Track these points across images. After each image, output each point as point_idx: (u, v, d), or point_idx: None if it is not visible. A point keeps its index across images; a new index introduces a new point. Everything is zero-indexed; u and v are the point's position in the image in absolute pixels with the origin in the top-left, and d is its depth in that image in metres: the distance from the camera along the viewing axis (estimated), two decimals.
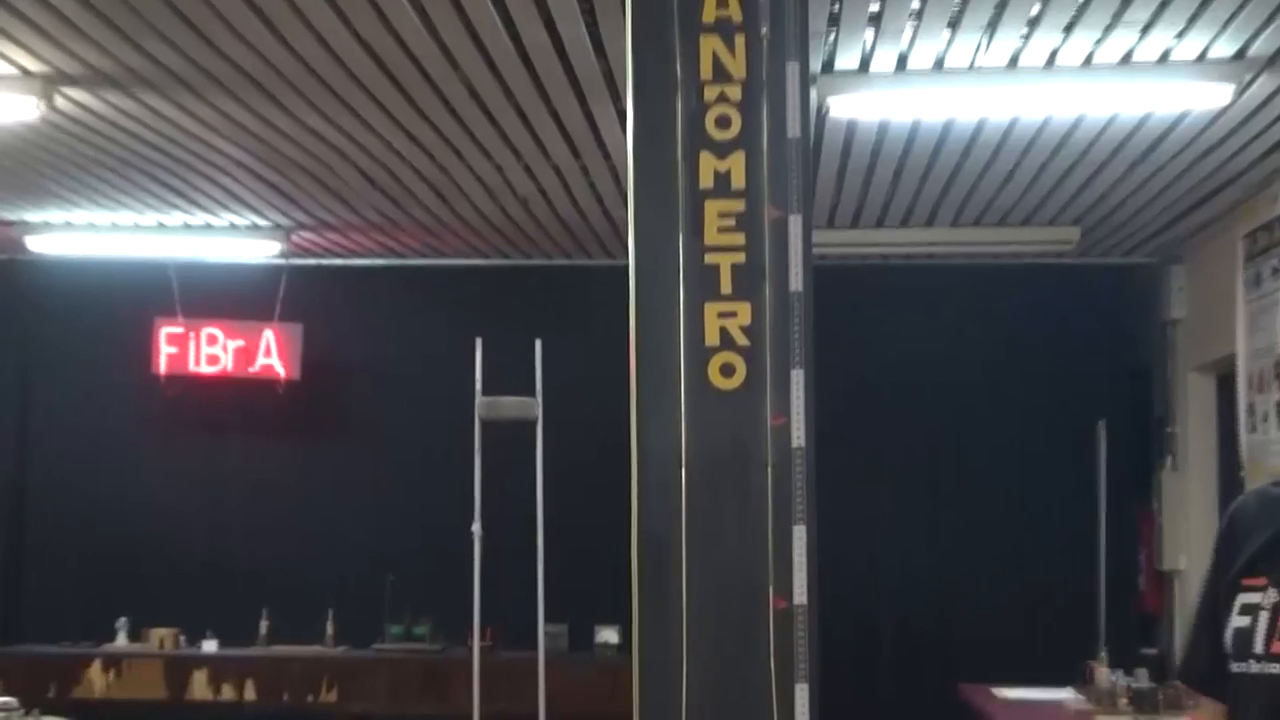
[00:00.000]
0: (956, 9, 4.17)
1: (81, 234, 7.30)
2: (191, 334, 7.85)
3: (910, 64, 4.64)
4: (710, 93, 2.23)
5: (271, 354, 7.85)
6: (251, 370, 7.87)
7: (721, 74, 2.24)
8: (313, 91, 5.00)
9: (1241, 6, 4.13)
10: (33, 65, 4.78)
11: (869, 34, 4.38)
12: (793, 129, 2.19)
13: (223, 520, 8.16)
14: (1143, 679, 5.94)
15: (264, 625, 7.90)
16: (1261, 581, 1.73)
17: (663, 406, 2.06)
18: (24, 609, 8.20)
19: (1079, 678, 6.18)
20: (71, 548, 8.09)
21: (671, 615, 1.99)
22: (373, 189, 6.44)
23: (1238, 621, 1.73)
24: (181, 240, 7.42)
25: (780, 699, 1.95)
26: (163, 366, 7.85)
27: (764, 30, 2.26)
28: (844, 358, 7.58)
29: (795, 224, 2.15)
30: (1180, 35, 4.37)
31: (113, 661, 7.70)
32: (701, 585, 1.95)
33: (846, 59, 4.60)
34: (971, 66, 4.65)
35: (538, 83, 4.85)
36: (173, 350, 7.86)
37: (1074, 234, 6.96)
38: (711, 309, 2.11)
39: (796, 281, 2.11)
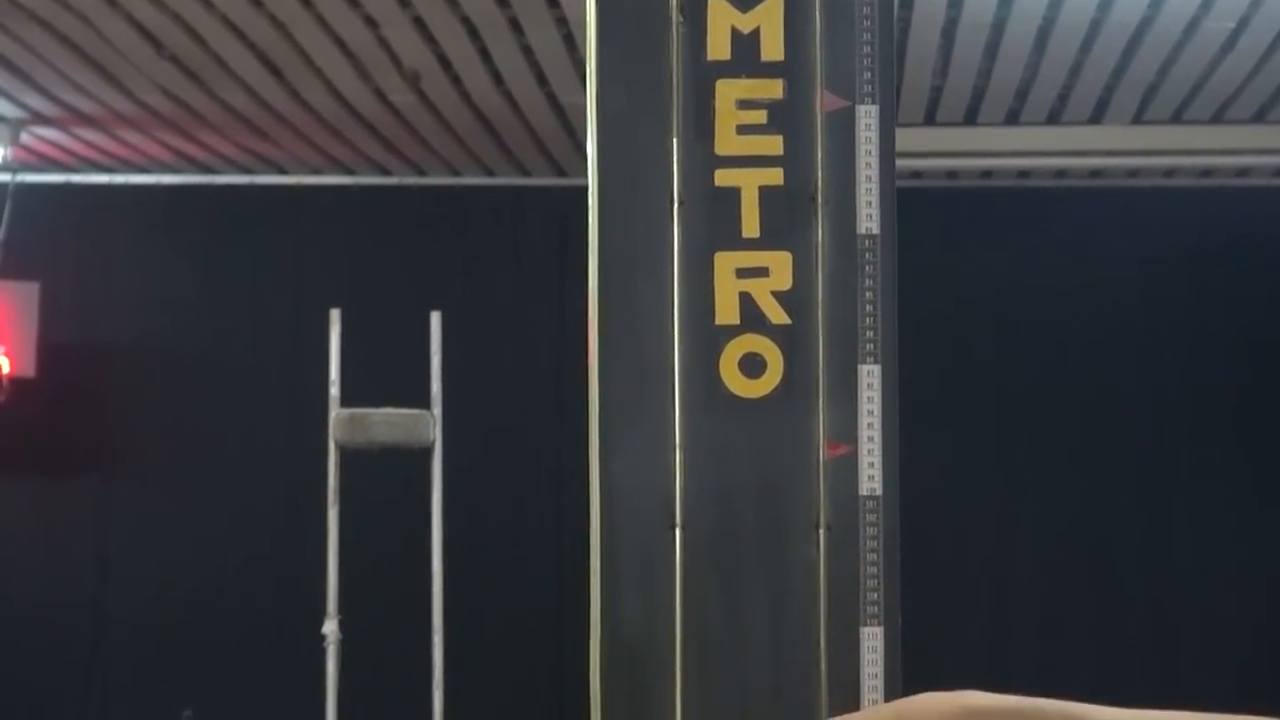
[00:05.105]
0: None
1: None
2: None
3: None
4: None
5: None
6: None
7: None
8: None
9: None
10: None
11: None
12: None
13: None
14: None
15: None
16: None
17: (642, 429, 2.05)
18: None
19: None
20: None
21: None
22: (159, 57, 6.42)
23: None
24: None
25: None
26: None
27: None
28: (952, 340, 7.58)
29: (868, 119, 2.14)
30: None
31: None
32: None
33: None
34: None
35: None
36: None
37: None
38: (726, 263, 2.10)
39: (870, 217, 2.10)
